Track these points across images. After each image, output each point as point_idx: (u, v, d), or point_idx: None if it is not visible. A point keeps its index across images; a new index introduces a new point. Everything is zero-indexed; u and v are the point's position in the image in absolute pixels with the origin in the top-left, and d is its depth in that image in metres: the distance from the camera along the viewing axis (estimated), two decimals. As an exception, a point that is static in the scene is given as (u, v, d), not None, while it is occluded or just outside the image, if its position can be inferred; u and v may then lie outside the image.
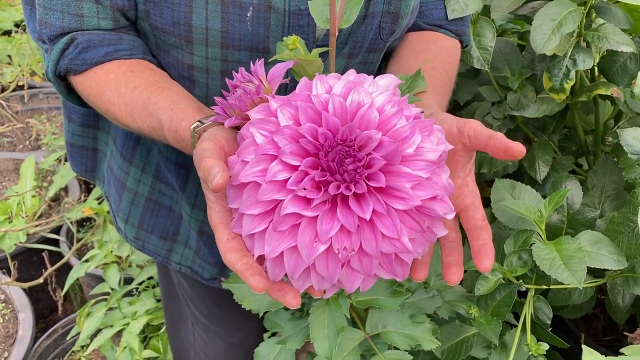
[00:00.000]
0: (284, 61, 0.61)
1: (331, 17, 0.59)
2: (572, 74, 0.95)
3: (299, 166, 0.50)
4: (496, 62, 1.12)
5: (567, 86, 0.96)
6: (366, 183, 0.50)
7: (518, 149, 0.55)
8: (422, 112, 0.55)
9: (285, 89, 0.83)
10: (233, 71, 0.61)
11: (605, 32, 0.92)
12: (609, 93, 0.96)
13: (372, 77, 0.56)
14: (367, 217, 0.49)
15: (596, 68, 1.04)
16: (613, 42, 0.91)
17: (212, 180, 0.51)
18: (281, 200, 0.49)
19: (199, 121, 0.63)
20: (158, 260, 1.06)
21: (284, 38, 0.60)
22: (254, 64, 0.59)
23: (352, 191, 0.50)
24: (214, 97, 0.61)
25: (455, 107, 1.28)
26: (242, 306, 0.82)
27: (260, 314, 0.84)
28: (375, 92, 0.53)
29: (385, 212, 0.49)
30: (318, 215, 0.50)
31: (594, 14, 0.97)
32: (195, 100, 0.71)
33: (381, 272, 0.53)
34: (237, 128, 0.59)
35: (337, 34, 0.61)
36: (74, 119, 1.00)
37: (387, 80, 0.57)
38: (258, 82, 0.58)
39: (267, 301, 0.82)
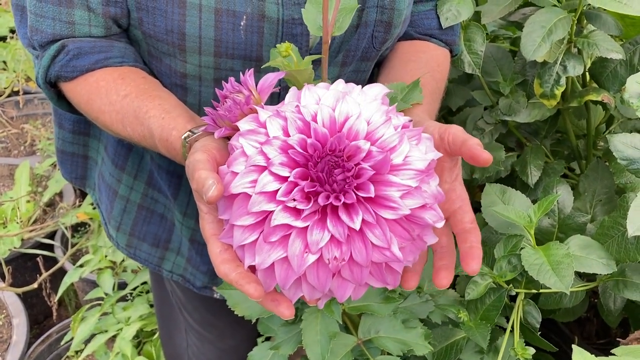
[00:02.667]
0: (278, 69, 0.61)
1: (324, 25, 0.60)
2: (563, 80, 0.96)
3: (288, 177, 0.50)
4: (488, 67, 1.12)
5: (558, 92, 0.96)
6: (355, 193, 0.50)
7: (484, 157, 0.56)
8: (410, 121, 0.55)
9: (278, 98, 0.83)
10: (223, 81, 0.61)
11: (595, 39, 0.93)
12: (599, 99, 0.97)
13: (360, 86, 0.56)
14: (357, 226, 0.49)
15: (587, 73, 1.05)
16: (603, 49, 0.92)
17: (206, 193, 0.51)
18: (271, 211, 0.49)
19: (190, 131, 0.63)
20: (150, 267, 1.06)
21: (277, 45, 0.60)
22: (244, 74, 0.59)
23: (342, 201, 0.50)
24: (204, 108, 0.61)
25: (448, 113, 1.29)
26: (235, 312, 0.82)
27: (253, 320, 0.84)
28: (364, 102, 0.54)
29: (375, 221, 0.49)
30: (308, 225, 0.50)
31: (585, 20, 0.97)
32: (186, 109, 0.71)
33: (372, 280, 0.53)
34: (228, 138, 0.59)
35: (329, 41, 0.61)
36: (65, 125, 0.99)
37: (375, 90, 0.57)
38: (247, 93, 0.58)
39: (259, 307, 0.82)
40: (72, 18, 0.76)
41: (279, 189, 0.50)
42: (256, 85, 0.59)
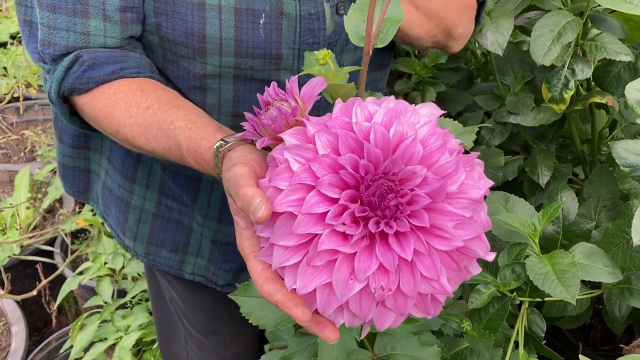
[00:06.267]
0: (314, 75, 0.58)
1: (367, 35, 0.57)
2: (572, 84, 0.94)
3: (338, 199, 0.47)
4: (499, 65, 1.11)
5: (567, 96, 0.95)
6: (408, 221, 0.47)
7: None
8: (461, 144, 0.52)
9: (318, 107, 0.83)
10: (265, 86, 0.58)
11: (603, 42, 0.92)
12: (604, 101, 0.95)
13: (413, 105, 0.53)
14: (409, 257, 0.46)
15: (591, 77, 1.04)
16: (611, 52, 0.91)
17: (254, 213, 0.49)
18: (318, 234, 0.47)
19: (222, 140, 0.60)
20: (171, 272, 1.04)
21: (315, 52, 0.58)
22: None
23: (394, 229, 0.47)
24: (244, 113, 0.58)
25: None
26: (250, 321, 0.80)
27: (268, 330, 0.81)
28: (419, 124, 0.51)
29: (427, 252, 0.47)
30: (356, 252, 0.47)
31: (590, 23, 0.96)
32: (212, 119, 0.69)
33: (414, 311, 0.51)
34: (265, 148, 0.56)
35: (370, 53, 0.58)
36: (65, 139, 0.97)
37: (428, 109, 0.54)
38: (294, 104, 0.55)
39: (275, 317, 0.78)
40: (87, 29, 0.74)
41: (327, 212, 0.47)
42: (299, 92, 0.56)
